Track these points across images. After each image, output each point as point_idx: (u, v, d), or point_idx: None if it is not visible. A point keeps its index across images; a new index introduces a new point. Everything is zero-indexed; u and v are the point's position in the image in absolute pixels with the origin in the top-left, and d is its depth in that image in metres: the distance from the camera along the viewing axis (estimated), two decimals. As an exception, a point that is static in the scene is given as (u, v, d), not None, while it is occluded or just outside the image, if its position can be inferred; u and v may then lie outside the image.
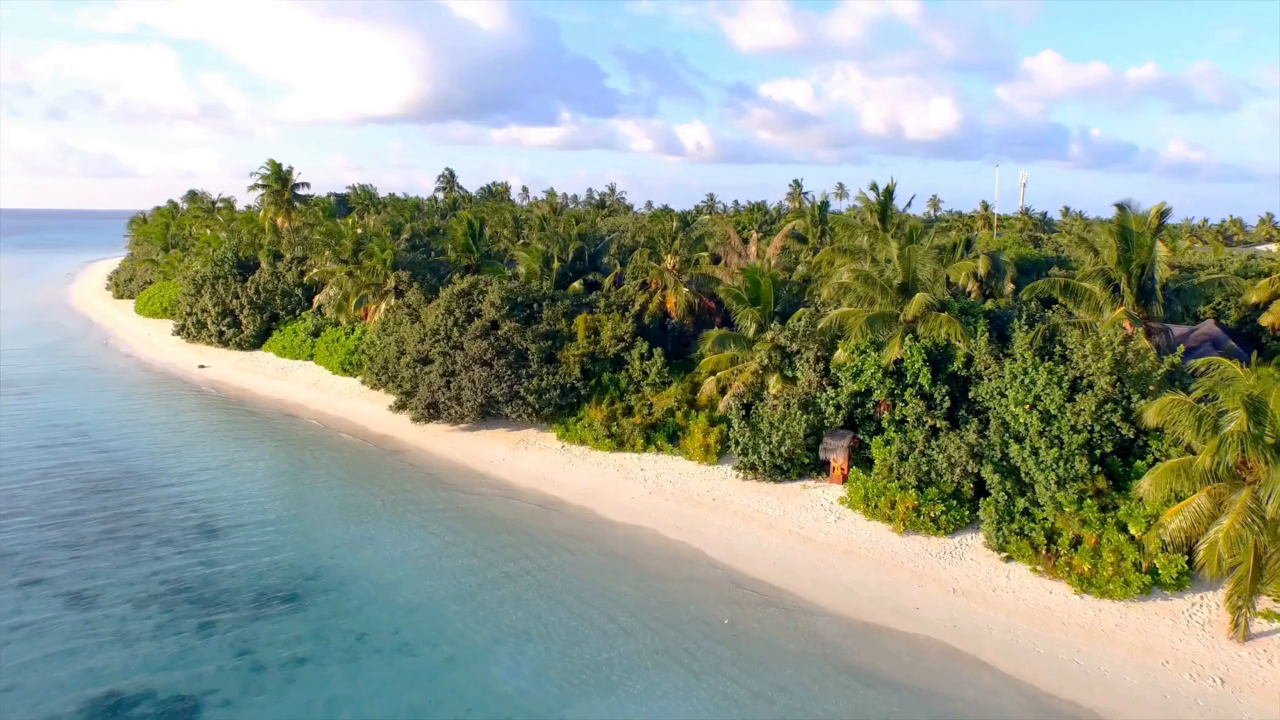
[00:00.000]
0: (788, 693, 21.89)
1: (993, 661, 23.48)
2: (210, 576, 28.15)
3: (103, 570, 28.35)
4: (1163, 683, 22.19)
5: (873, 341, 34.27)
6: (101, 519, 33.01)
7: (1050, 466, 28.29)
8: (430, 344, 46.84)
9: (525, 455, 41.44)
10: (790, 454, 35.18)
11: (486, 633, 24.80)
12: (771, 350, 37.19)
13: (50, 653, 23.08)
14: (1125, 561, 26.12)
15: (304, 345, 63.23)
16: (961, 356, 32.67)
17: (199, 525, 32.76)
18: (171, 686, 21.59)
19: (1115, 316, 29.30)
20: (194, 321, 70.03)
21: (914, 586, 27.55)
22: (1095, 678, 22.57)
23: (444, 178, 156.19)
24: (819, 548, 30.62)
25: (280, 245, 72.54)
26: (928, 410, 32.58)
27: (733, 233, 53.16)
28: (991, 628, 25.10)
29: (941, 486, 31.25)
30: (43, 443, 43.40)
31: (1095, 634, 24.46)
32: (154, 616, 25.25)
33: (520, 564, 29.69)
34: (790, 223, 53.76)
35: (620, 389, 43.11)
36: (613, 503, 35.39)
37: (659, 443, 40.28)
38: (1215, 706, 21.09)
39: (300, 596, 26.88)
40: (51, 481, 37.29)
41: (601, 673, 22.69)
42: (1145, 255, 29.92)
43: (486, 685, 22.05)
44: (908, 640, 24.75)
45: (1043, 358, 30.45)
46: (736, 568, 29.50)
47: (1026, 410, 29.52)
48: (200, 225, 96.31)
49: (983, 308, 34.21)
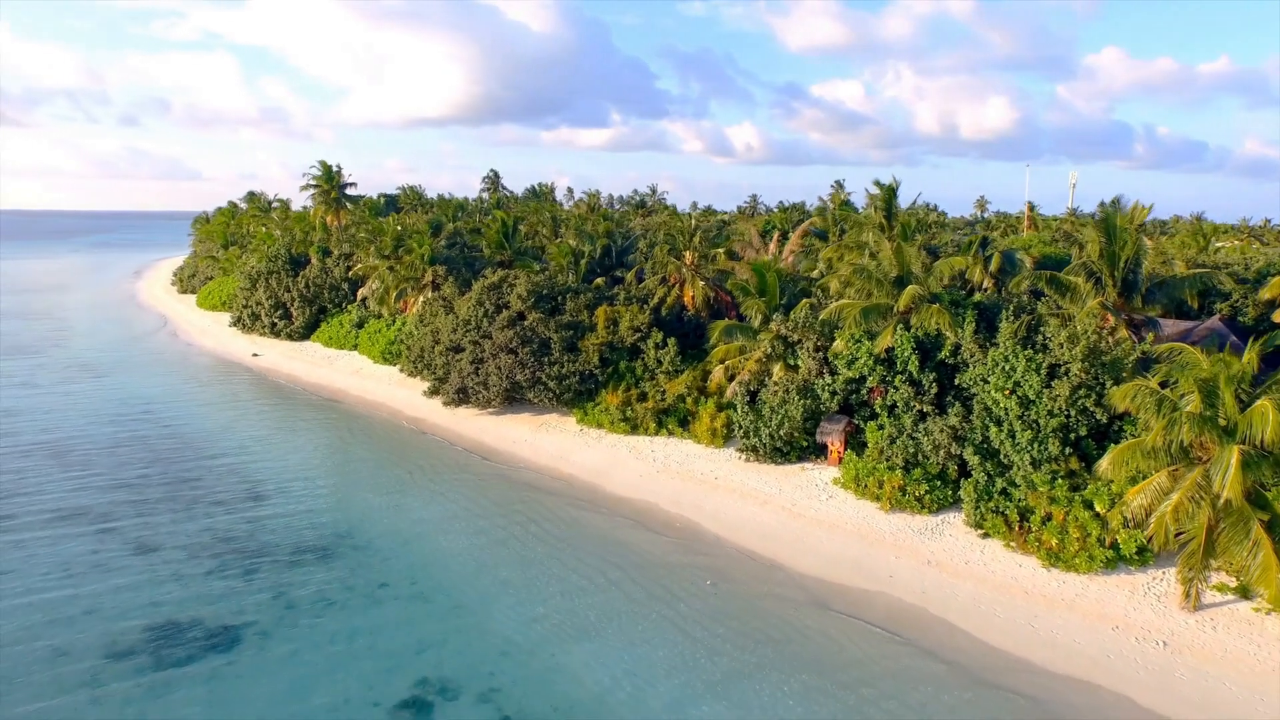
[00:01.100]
0: (756, 640, 24.13)
1: (953, 620, 25.30)
2: (254, 532, 31.65)
3: (163, 524, 32.12)
4: (1109, 644, 23.71)
5: (867, 331, 36.08)
6: (163, 483, 36.99)
7: (1025, 448, 29.84)
8: (462, 333, 50.10)
9: (545, 437, 44.28)
10: (789, 437, 37.20)
11: (492, 585, 27.63)
12: (774, 340, 39.26)
13: (120, 585, 26.76)
14: (1090, 537, 27.56)
15: (349, 336, 67.39)
16: (950, 345, 34.29)
17: (247, 490, 36.46)
18: (218, 618, 24.93)
19: (1091, 307, 30.63)
20: (249, 314, 75.01)
21: (891, 558, 29.39)
22: (1046, 639, 24.21)
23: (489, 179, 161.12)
24: (808, 523, 32.63)
25: (329, 242, 77.12)
26: (916, 395, 34.29)
27: (751, 230, 55.18)
28: (958, 594, 26.84)
29: (927, 468, 32.95)
30: (114, 419, 48.02)
31: (1055, 602, 26.02)
32: (205, 563, 28.78)
33: (529, 529, 32.48)
34: (808, 221, 55.42)
35: (636, 376, 45.66)
36: (621, 480, 37.94)
37: (670, 427, 42.66)
38: (1152, 664, 22.58)
39: (331, 550, 30.14)
40: (121, 451, 41.62)
41: (590, 622, 25.26)
42: (1128, 250, 31.12)
43: (487, 628, 24.81)
44: (876, 598, 26.69)
45: (1025, 347, 31.92)
46: (727, 538, 31.74)
47: (1006, 395, 31.08)
48: (257, 224, 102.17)
49: (972, 300, 35.70)
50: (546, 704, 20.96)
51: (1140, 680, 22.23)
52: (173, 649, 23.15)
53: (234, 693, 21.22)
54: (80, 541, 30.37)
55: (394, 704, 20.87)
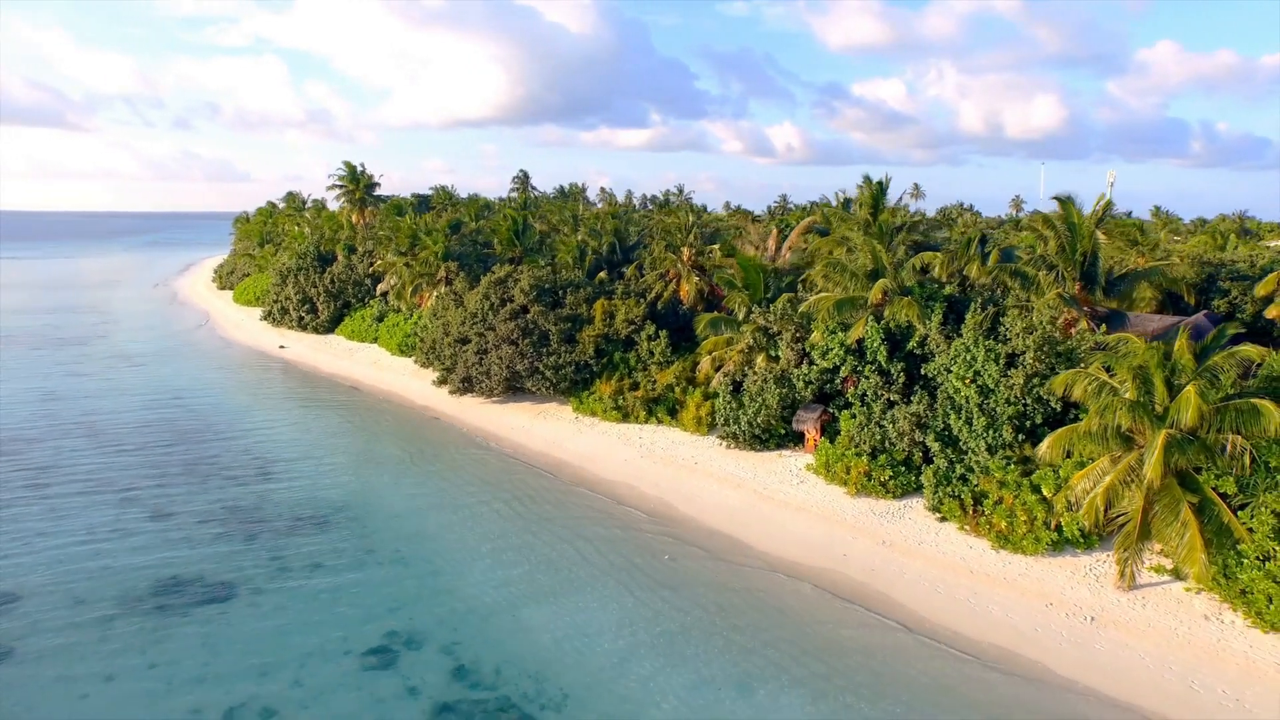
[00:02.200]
0: (698, 606, 25.91)
1: (893, 595, 26.69)
2: (260, 504, 34.41)
3: (179, 495, 35.10)
4: (1038, 619, 24.91)
5: (841, 323, 37.46)
6: (184, 459, 40.12)
7: (981, 434, 31.01)
8: (469, 326, 52.63)
9: (542, 424, 46.49)
10: (766, 425, 38.75)
11: (469, 554, 29.86)
12: (756, 332, 40.82)
13: (135, 546, 29.67)
14: (1037, 521, 28.66)
15: (369, 329, 70.62)
16: (919, 336, 35.50)
17: (259, 467, 39.36)
18: (217, 575, 27.60)
19: (1047, 299, 31.62)
20: (279, 308, 78.87)
21: (849, 539, 30.83)
22: (980, 613, 25.49)
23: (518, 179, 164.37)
24: (776, 505, 34.20)
25: (355, 240, 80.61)
26: (885, 385, 35.57)
27: (750, 227, 56.65)
28: (905, 573, 28.20)
29: (893, 454, 34.24)
30: (147, 403, 51.64)
31: (997, 581, 27.23)
32: (212, 529, 31.58)
33: (513, 507, 34.66)
34: (809, 218, 56.67)
35: (629, 367, 47.59)
36: (606, 464, 39.92)
37: (659, 415, 44.49)
38: (1075, 637, 23.75)
39: (328, 520, 32.72)
40: (149, 430, 45.01)
41: (551, 588, 27.31)
42: (1086, 244, 32.03)
43: (459, 590, 27.02)
44: (826, 574, 28.22)
45: (989, 337, 33.01)
46: (697, 518, 33.48)
47: (966, 384, 32.24)
48: (290, 223, 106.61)
49: (944, 292, 36.81)
50: (499, 656, 23.03)
51: (1060, 651, 23.42)
52: (175, 600, 25.84)
53: (223, 637, 23.75)
54: (105, 508, 33.46)
55: (363, 651, 23.16)
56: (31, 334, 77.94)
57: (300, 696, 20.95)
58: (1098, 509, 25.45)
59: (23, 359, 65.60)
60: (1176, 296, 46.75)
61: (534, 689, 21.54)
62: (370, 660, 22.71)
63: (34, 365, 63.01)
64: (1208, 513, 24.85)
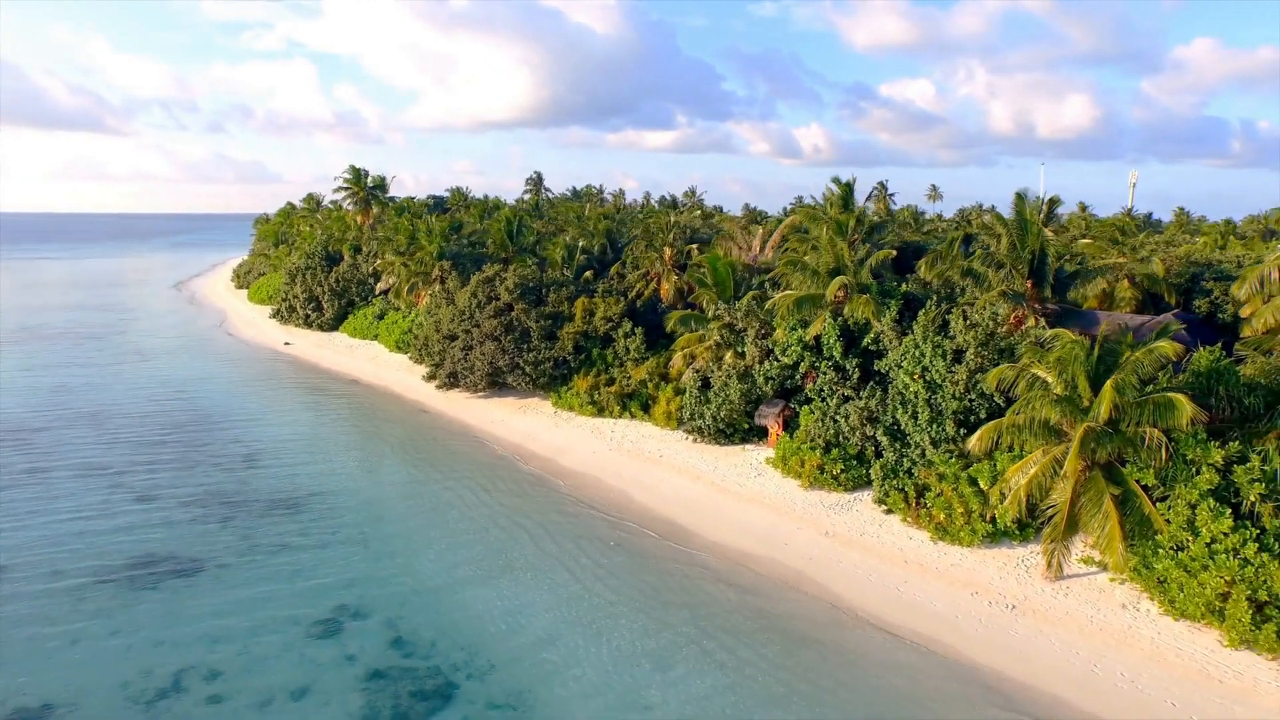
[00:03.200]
0: (633, 587, 27.12)
1: (824, 582, 27.66)
2: (240, 489, 36.29)
3: (166, 480, 37.12)
4: (962, 606, 25.74)
5: (801, 320, 38.43)
6: (176, 448, 42.22)
7: (925, 428, 31.84)
8: (457, 323, 54.32)
9: (521, 418, 47.98)
10: (730, 419, 39.83)
11: (426, 538, 31.38)
12: (722, 328, 41.91)
13: (118, 526, 31.65)
14: (973, 513, 29.44)
15: (370, 327, 72.78)
16: (874, 333, 36.36)
17: (245, 455, 41.33)
18: (189, 553, 29.41)
19: (989, 297, 32.34)
20: (286, 307, 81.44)
21: (794, 529, 31.80)
22: (907, 600, 26.36)
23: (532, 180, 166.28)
24: (731, 497, 35.26)
25: (360, 240, 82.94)
26: (840, 380, 36.48)
27: (734, 227, 57.69)
28: (841, 562, 29.13)
29: (847, 449, 35.14)
30: (151, 396, 54.06)
31: (929, 571, 28.07)
32: (192, 511, 33.48)
33: (477, 495, 36.15)
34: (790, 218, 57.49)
35: (607, 363, 48.92)
36: (575, 456, 41.26)
37: (633, 410, 45.74)
38: (993, 623, 24.55)
39: (300, 505, 34.46)
40: (148, 421, 47.30)
41: (497, 570, 28.70)
42: (1035, 242, 32.69)
43: (412, 570, 28.53)
44: (764, 562, 29.28)
45: (939, 334, 33.78)
46: (653, 508, 34.67)
47: (915, 379, 33.06)
48: (305, 223, 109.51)
49: (901, 290, 37.59)
50: (436, 630, 24.44)
51: (976, 636, 24.25)
52: (146, 573, 27.66)
53: (185, 607, 25.48)
54: (95, 491, 35.55)
55: (311, 622, 24.72)
56: (53, 329, 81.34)
57: (245, 662, 22.54)
58: (1021, 500, 26.24)
59: (41, 352, 68.71)
60: (1158, 297, 46.94)
61: (464, 660, 22.92)
62: (316, 630, 24.26)
63: (50, 358, 66.02)
64: (1130, 505, 25.52)
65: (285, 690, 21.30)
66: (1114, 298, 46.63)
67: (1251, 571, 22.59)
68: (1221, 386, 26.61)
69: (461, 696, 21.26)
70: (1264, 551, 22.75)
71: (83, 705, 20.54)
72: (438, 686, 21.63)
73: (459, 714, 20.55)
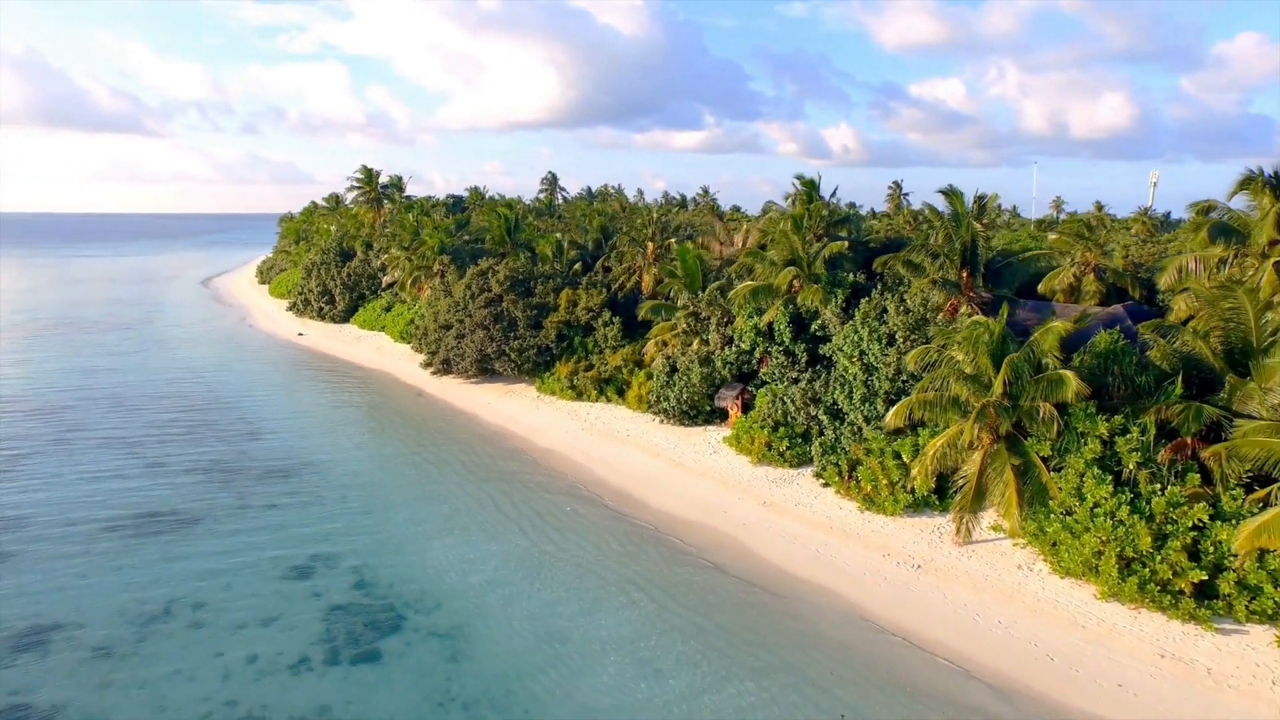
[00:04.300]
0: (580, 547, 30.05)
1: (751, 546, 30.30)
2: (240, 460, 39.92)
3: (175, 450, 40.91)
4: (872, 566, 28.24)
5: (757, 308, 41.05)
6: (186, 423, 46.11)
7: (858, 408, 34.33)
8: (452, 313, 57.72)
9: (506, 401, 51.17)
10: (692, 402, 42.57)
11: (400, 500, 34.66)
12: (688, 317, 44.67)
13: (128, 488, 35.41)
14: (896, 484, 31.89)
15: (378, 319, 76.62)
16: (821, 320, 38.86)
17: (248, 431, 45.06)
18: (188, 511, 33.00)
19: (921, 284, 34.70)
20: (302, 300, 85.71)
21: (736, 500, 34.46)
22: (823, 561, 28.90)
23: (546, 180, 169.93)
24: (686, 472, 38.01)
25: (372, 237, 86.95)
26: (789, 364, 39.05)
27: (717, 224, 60.36)
28: (772, 528, 31.76)
29: (794, 428, 37.71)
30: (169, 379, 58.27)
31: (850, 536, 30.58)
32: (194, 476, 37.14)
33: (453, 466, 39.36)
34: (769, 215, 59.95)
35: (587, 350, 51.89)
36: (549, 435, 44.31)
37: (609, 394, 48.66)
38: (896, 581, 27.01)
39: (292, 473, 37.97)
40: (164, 401, 51.37)
41: (458, 528, 31.84)
42: (965, 235, 35.00)
43: (379, 528, 31.77)
44: (702, 528, 32.03)
45: (878, 320, 36.22)
46: (611, 480, 37.55)
47: (853, 362, 35.56)
48: (325, 222, 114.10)
49: (850, 280, 40.03)
50: (395, 576, 27.59)
51: (876, 590, 26.74)
52: (148, 526, 31.27)
53: (180, 551, 29.00)
54: (111, 459, 39.42)
55: (286, 567, 28.06)
56: (87, 321, 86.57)
57: (225, 595, 25.91)
58: (928, 470, 28.72)
59: (74, 341, 73.63)
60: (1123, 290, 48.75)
61: (415, 599, 26.03)
62: (290, 573, 27.58)
63: (82, 346, 70.83)
64: (1030, 474, 27.86)
65: (257, 618, 24.61)
66: (1080, 291, 48.59)
67: (1123, 531, 24.86)
68: (1116, 366, 28.78)
69: (408, 626, 24.37)
70: (1135, 514, 25.02)
71: (87, 625, 24.04)
72: (389, 619, 24.77)
73: (403, 640, 23.65)
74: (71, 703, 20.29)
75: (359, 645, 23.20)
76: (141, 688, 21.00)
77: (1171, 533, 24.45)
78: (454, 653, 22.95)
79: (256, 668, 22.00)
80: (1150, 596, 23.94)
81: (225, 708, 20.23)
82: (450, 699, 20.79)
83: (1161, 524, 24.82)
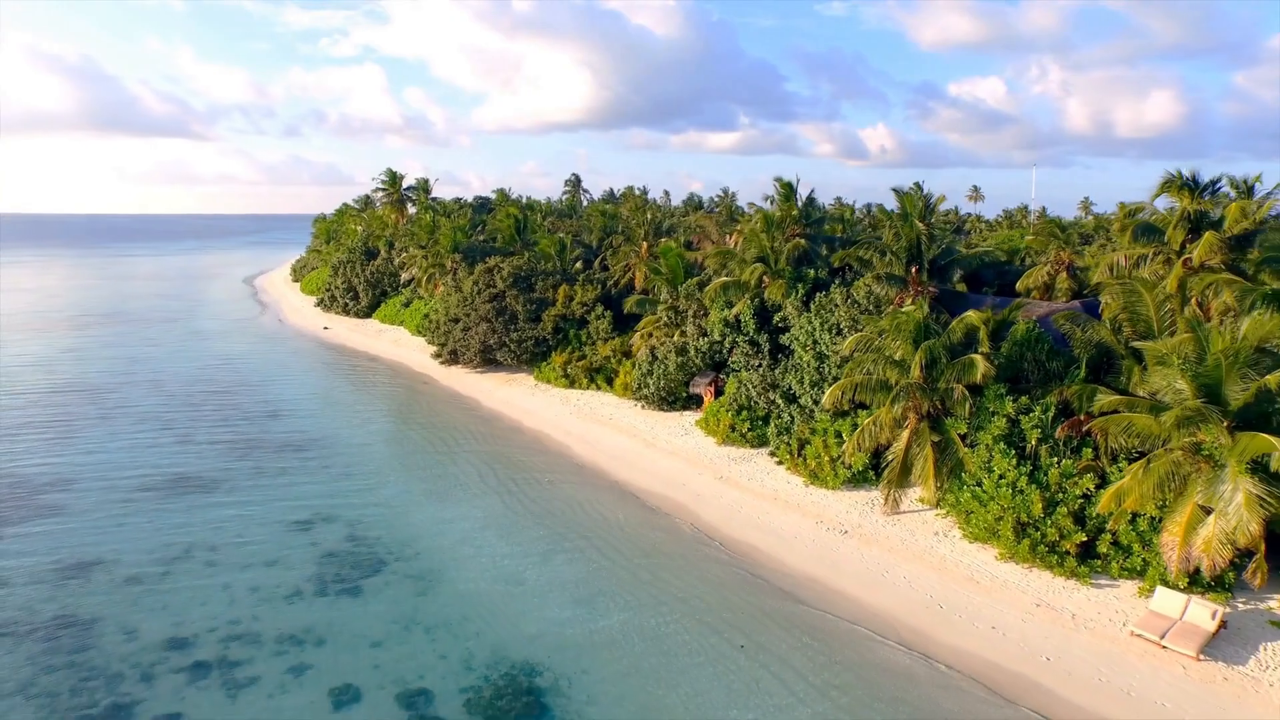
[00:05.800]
0: (550, 512, 33.84)
1: (699, 512, 33.73)
2: (260, 435, 44.56)
3: (203, 427, 45.75)
4: (803, 531, 31.45)
5: (728, 302, 44.41)
6: (215, 405, 51.06)
7: (808, 392, 37.53)
8: (460, 308, 62.05)
9: (505, 389, 55.24)
10: (669, 389, 46.09)
11: (395, 469, 38.87)
12: (668, 310, 48.20)
13: (160, 457, 40.23)
14: (837, 461, 35.04)
15: (398, 314, 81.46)
16: (783, 313, 42.09)
17: (269, 412, 49.80)
18: (211, 476, 37.59)
19: (866, 280, 37.75)
20: (328, 296, 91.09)
21: (695, 475, 37.88)
22: (763, 528, 32.14)
23: (570, 182, 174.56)
24: (657, 451, 41.55)
25: (395, 236, 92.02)
26: (754, 353, 42.35)
27: (708, 224, 63.75)
28: (721, 498, 35.13)
29: (756, 411, 41.00)
30: (201, 366, 63.63)
31: (791, 506, 33.81)
32: (219, 448, 41.83)
33: (447, 443, 43.49)
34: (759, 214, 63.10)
35: (581, 342, 55.72)
36: (539, 418, 48.21)
37: (599, 382, 52.40)
38: (821, 543, 30.19)
39: (305, 448, 42.44)
40: (195, 385, 56.55)
41: (444, 494, 35.86)
42: (911, 233, 37.97)
43: (374, 491, 35.96)
44: (661, 497, 35.57)
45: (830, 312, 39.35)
46: (587, 457, 41.26)
47: (806, 350, 38.75)
48: (354, 222, 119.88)
49: (812, 275, 43.16)
50: (383, 531, 31.67)
51: (803, 551, 29.97)
52: (176, 487, 35.90)
53: (201, 507, 33.50)
54: (146, 434, 44.37)
55: (291, 521, 32.34)
56: (134, 315, 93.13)
57: (237, 543, 30.24)
58: (855, 447, 31.88)
59: (121, 332, 79.83)
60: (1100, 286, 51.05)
61: (397, 549, 30.06)
62: (293, 527, 31.84)
63: (128, 337, 76.90)
64: (949, 450, 30.93)
65: (261, 560, 28.85)
66: (1054, 288, 51.08)
67: (1020, 500, 27.78)
68: (1030, 353, 31.61)
69: (388, 570, 28.38)
70: (1033, 484, 27.92)
71: (122, 561, 28.52)
72: (372, 564, 28.82)
73: (382, 580, 27.65)
74: (107, 617, 24.66)
75: (344, 582, 27.26)
76: (164, 609, 25.29)
77: (1061, 500, 27.31)
78: (424, 589, 26.87)
79: (257, 596, 26.17)
80: (1040, 557, 26.83)
81: (229, 625, 24.40)
82: (414, 623, 24.68)
83: (1055, 493, 27.68)
